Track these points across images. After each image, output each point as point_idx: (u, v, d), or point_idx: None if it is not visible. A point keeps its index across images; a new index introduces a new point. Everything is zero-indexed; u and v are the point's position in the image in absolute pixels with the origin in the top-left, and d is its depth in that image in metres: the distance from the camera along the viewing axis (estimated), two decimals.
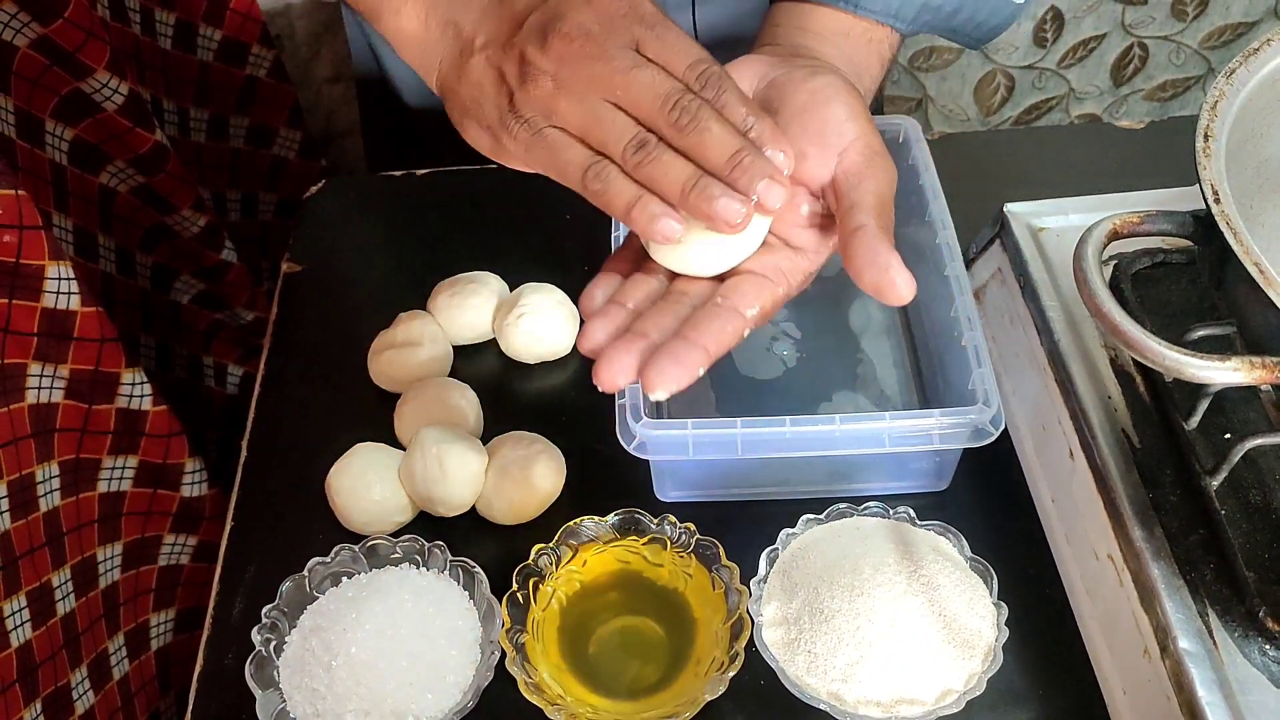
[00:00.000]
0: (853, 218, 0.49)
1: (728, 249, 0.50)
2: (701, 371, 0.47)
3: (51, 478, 0.68)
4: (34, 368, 0.66)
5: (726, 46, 0.56)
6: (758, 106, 0.48)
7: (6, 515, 0.63)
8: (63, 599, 0.69)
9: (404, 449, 0.68)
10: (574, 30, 0.47)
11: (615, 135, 0.47)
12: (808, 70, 0.53)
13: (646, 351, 0.47)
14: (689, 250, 0.50)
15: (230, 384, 1.02)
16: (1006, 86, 1.38)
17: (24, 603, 0.64)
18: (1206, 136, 0.51)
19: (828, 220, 0.52)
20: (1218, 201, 0.48)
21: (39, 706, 0.65)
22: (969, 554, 0.60)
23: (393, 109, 0.97)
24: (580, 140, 0.48)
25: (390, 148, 1.04)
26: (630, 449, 0.60)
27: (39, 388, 0.67)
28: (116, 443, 0.74)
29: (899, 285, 0.48)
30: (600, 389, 0.47)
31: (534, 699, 0.55)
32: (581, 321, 0.51)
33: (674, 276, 0.52)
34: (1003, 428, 0.59)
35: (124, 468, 0.76)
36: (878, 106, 1.10)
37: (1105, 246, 0.50)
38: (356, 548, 0.62)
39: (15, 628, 0.63)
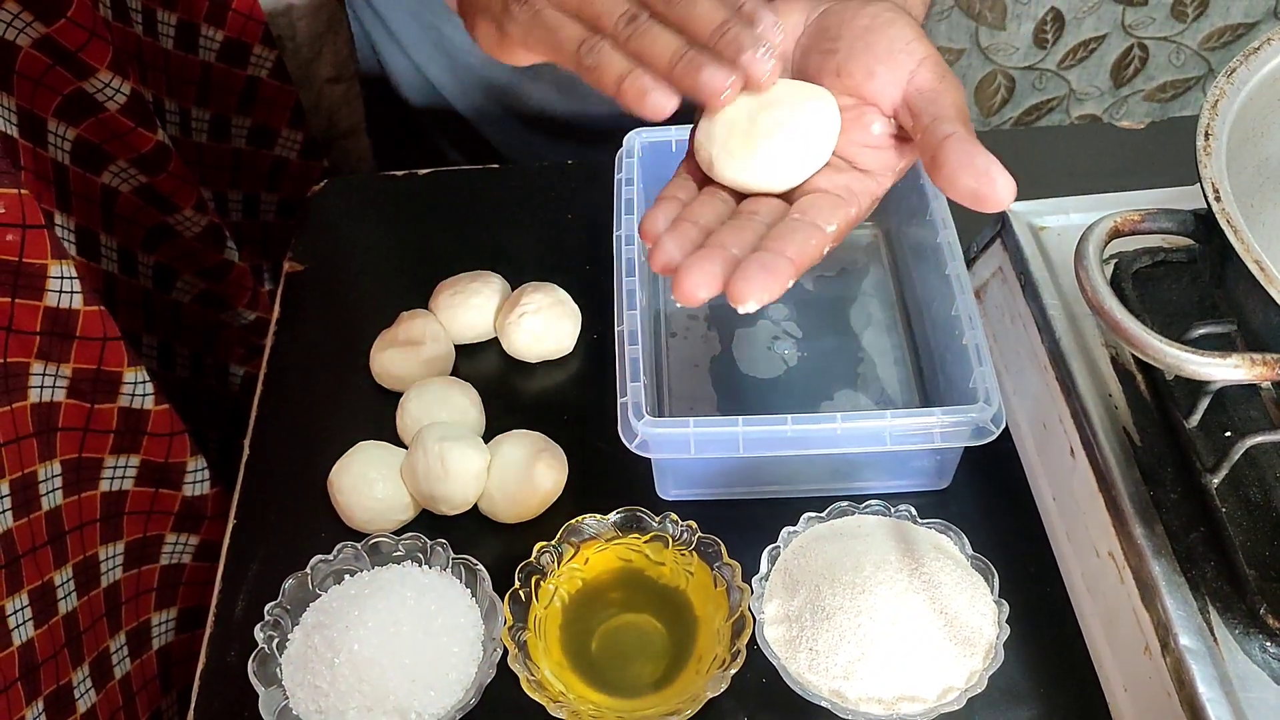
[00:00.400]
0: (939, 128, 0.47)
1: (796, 160, 0.48)
2: (791, 283, 0.45)
3: (53, 477, 0.68)
4: (36, 367, 0.66)
5: None
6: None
7: (9, 514, 0.63)
8: (64, 598, 0.69)
9: (406, 447, 0.68)
10: None
11: (607, 10, 0.47)
12: (861, 0, 0.51)
13: (730, 264, 0.44)
14: (754, 161, 0.48)
15: (232, 383, 1.02)
16: (1007, 87, 1.38)
17: (26, 601, 0.64)
18: (1207, 135, 0.51)
19: (897, 140, 0.51)
20: (1218, 199, 0.48)
21: (40, 705, 0.65)
22: (970, 552, 0.60)
23: (395, 108, 0.98)
24: (577, 19, 0.48)
25: (395, 146, 1.04)
26: (632, 447, 0.60)
27: (41, 387, 0.67)
28: (118, 442, 0.74)
29: (1000, 187, 0.46)
30: (680, 302, 0.46)
31: (536, 696, 0.55)
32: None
33: (740, 199, 0.50)
34: (1004, 426, 0.59)
35: (126, 467, 0.76)
36: None
37: (1106, 244, 0.50)
38: (359, 545, 0.62)
39: (17, 626, 0.63)
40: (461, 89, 0.92)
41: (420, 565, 0.62)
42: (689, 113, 0.51)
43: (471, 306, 0.74)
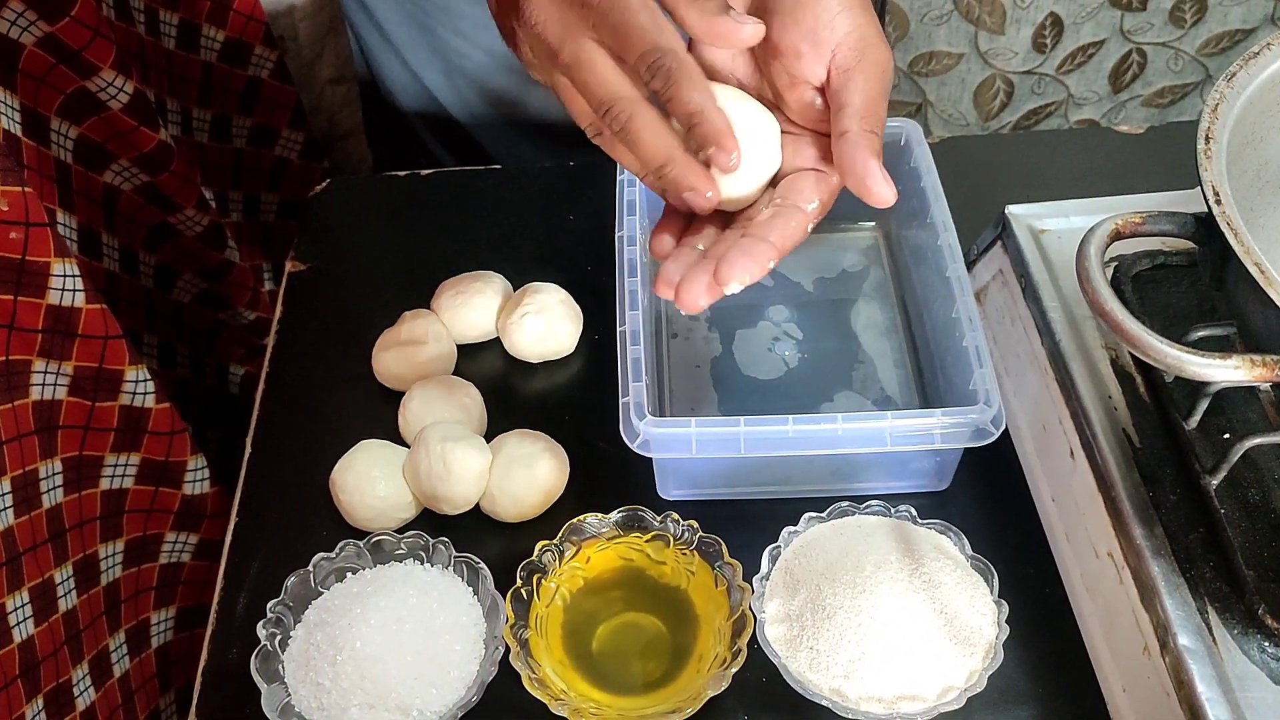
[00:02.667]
0: (838, 121, 0.50)
1: (748, 169, 0.51)
2: (772, 265, 0.49)
3: (54, 474, 0.68)
4: (38, 364, 0.66)
5: None
6: (712, 97, 0.48)
7: (10, 512, 0.63)
8: (64, 595, 0.69)
9: (408, 446, 0.68)
10: (533, 19, 0.50)
11: (576, 114, 0.51)
12: None
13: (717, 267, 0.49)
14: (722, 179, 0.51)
15: (232, 383, 1.02)
16: (1006, 92, 1.39)
17: (26, 599, 0.64)
18: (1208, 139, 0.51)
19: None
20: (1219, 202, 0.49)
21: (40, 703, 0.65)
22: (969, 552, 0.60)
23: (390, 113, 0.98)
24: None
25: (392, 151, 1.04)
26: (634, 447, 0.60)
27: (43, 384, 0.67)
28: (119, 440, 0.74)
29: (878, 192, 0.50)
30: (684, 312, 0.51)
31: (537, 694, 0.56)
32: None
33: (724, 224, 0.54)
34: (1003, 428, 0.60)
35: (126, 465, 0.76)
36: None
37: (1108, 246, 0.51)
38: (361, 543, 0.62)
39: (18, 624, 0.63)
40: (457, 94, 0.92)
41: (422, 563, 0.62)
42: None
43: (473, 306, 0.74)
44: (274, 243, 1.11)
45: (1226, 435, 0.56)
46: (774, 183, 0.53)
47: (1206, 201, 0.49)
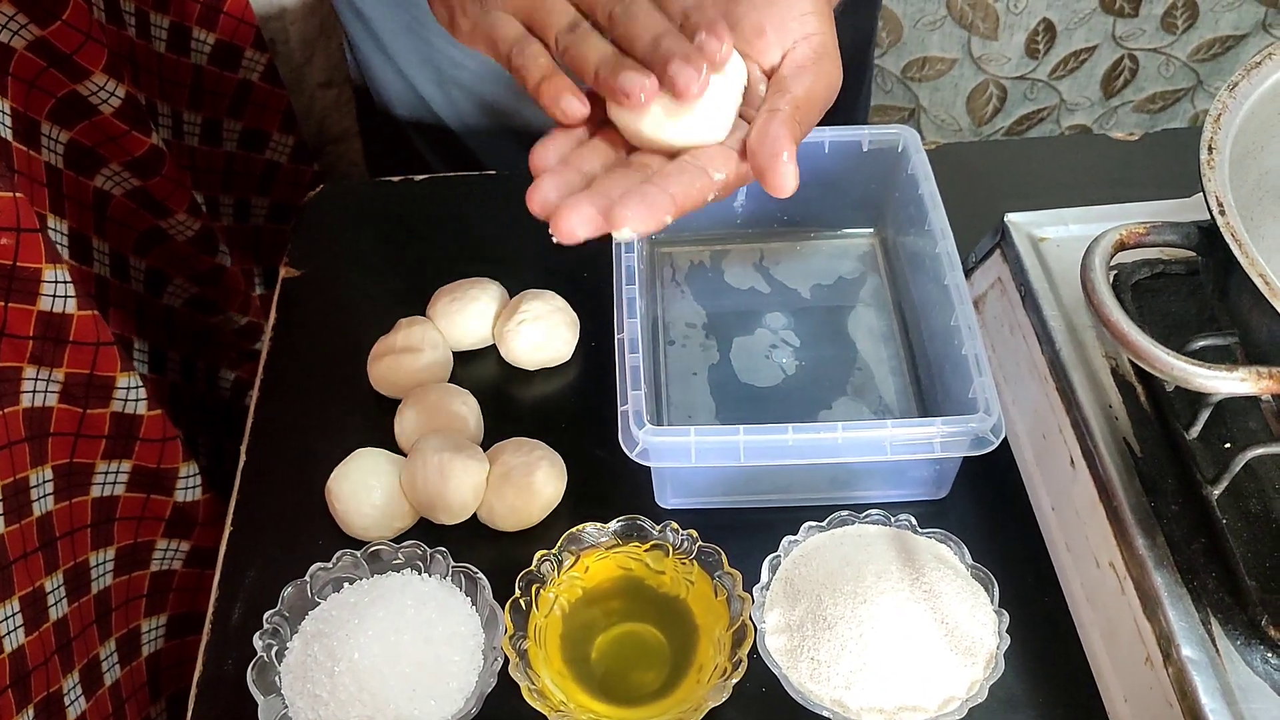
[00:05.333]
0: (773, 100, 0.48)
1: (693, 122, 0.48)
2: (668, 220, 0.45)
3: (45, 482, 0.68)
4: (29, 371, 0.66)
5: None
6: None
7: (0, 520, 0.63)
8: (55, 604, 0.68)
9: (404, 455, 0.68)
10: None
11: (552, 21, 0.48)
12: None
13: (609, 205, 0.45)
14: (658, 118, 0.48)
15: (223, 388, 1.02)
16: (999, 97, 1.39)
17: (17, 608, 0.64)
18: (1210, 149, 0.51)
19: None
20: (1223, 213, 0.49)
21: (31, 713, 0.64)
22: (970, 562, 0.60)
23: (381, 119, 0.97)
24: (524, 24, 0.49)
25: (384, 156, 1.03)
26: (633, 456, 0.60)
27: (34, 391, 0.66)
28: (111, 447, 0.74)
29: (783, 174, 0.46)
30: (557, 239, 0.45)
31: (537, 705, 0.55)
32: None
33: (630, 149, 0.50)
34: (1003, 436, 0.60)
35: (118, 472, 0.75)
36: (865, 116, 1.10)
37: (1112, 256, 0.51)
38: (358, 553, 0.61)
39: (8, 633, 0.63)
40: (449, 103, 0.91)
41: (420, 573, 0.62)
42: None
43: (470, 314, 0.74)
44: (265, 246, 1.10)
45: (1228, 445, 0.56)
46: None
47: (1210, 212, 0.49)
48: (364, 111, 1.01)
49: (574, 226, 0.44)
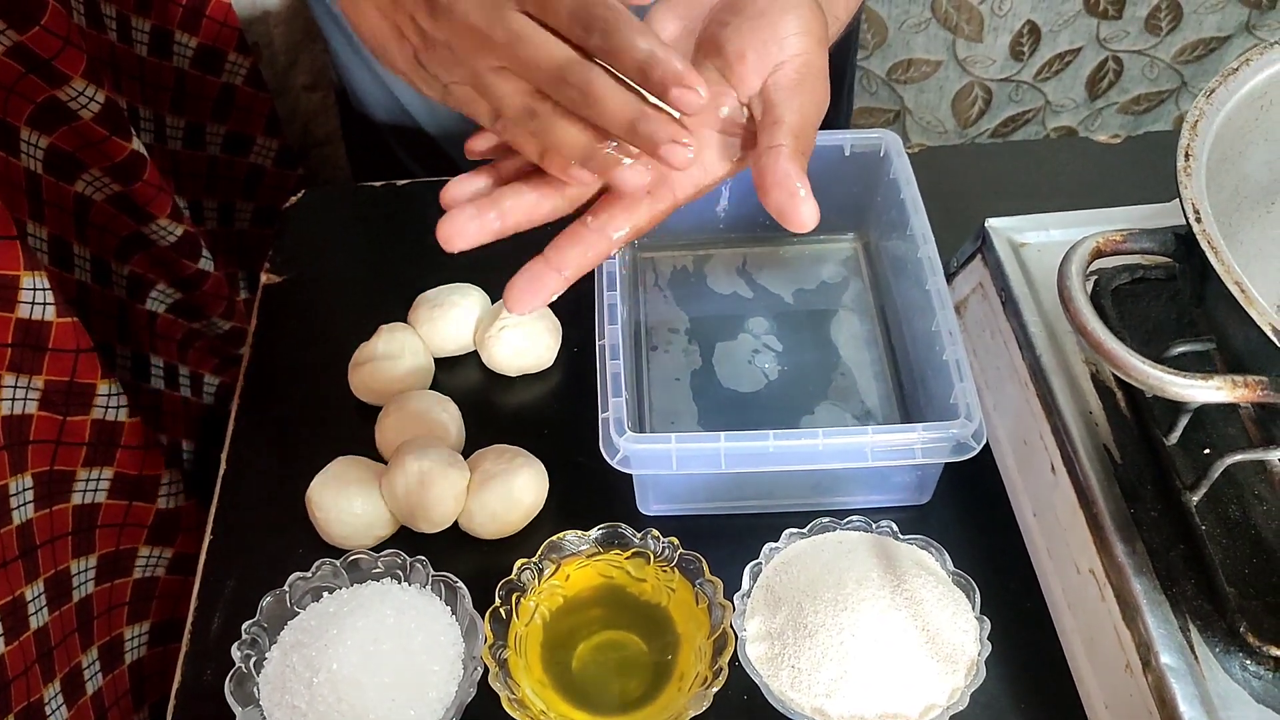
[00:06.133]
0: (772, 134, 0.48)
1: None
2: (555, 296, 0.48)
3: (25, 490, 0.67)
4: (8, 379, 0.65)
5: None
6: (656, 38, 0.43)
7: None
8: (36, 613, 0.68)
9: (385, 462, 0.67)
10: (454, 7, 0.45)
11: (506, 106, 0.46)
12: None
13: (496, 221, 0.48)
14: None
15: (207, 394, 1.01)
16: (984, 99, 1.39)
17: None
18: (1187, 155, 0.51)
19: (745, 131, 0.51)
20: (1199, 220, 0.49)
21: None
22: (951, 568, 0.60)
23: (360, 122, 0.97)
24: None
25: (367, 161, 1.03)
26: (614, 463, 0.60)
27: (13, 399, 0.66)
28: (91, 454, 0.73)
29: (803, 213, 0.47)
30: (444, 248, 0.49)
31: (517, 715, 0.55)
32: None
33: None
34: (984, 442, 0.60)
35: (99, 479, 0.75)
36: (848, 119, 1.10)
37: (1089, 264, 0.51)
38: (338, 562, 0.61)
39: None
40: (429, 108, 0.91)
41: (400, 582, 0.61)
42: None
43: (451, 319, 0.74)
44: (249, 251, 1.10)
45: (1207, 451, 0.56)
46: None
47: (1187, 219, 0.49)
48: (346, 116, 1.01)
49: (452, 237, 0.49)
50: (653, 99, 0.44)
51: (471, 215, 0.48)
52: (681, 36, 0.52)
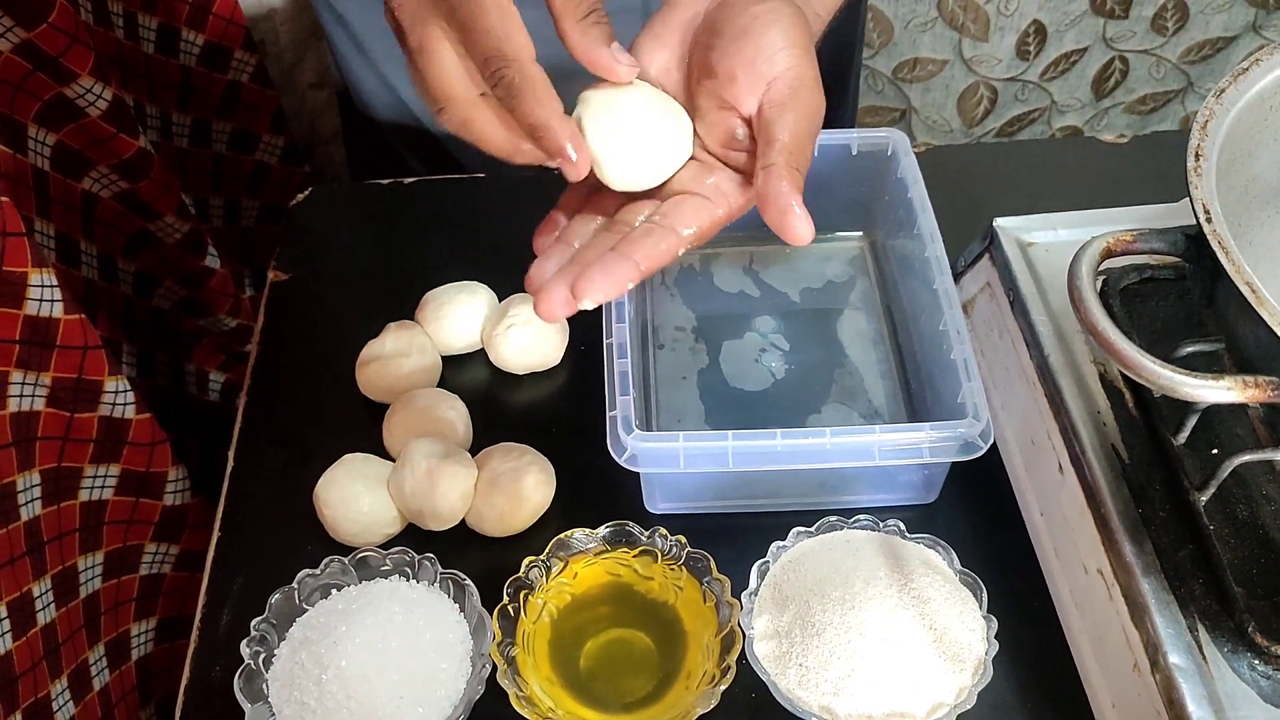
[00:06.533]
0: (765, 154, 0.50)
1: (655, 158, 0.51)
2: (631, 285, 0.49)
3: (32, 486, 0.68)
4: (15, 375, 0.65)
5: None
6: (556, 108, 0.47)
7: None
8: (43, 609, 0.68)
9: (393, 460, 0.67)
10: (394, 4, 0.49)
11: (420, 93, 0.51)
12: None
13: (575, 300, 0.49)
14: (614, 165, 0.51)
15: (212, 391, 1.01)
16: (989, 98, 1.39)
17: (4, 613, 0.63)
18: (1197, 156, 0.51)
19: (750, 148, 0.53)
20: (1209, 220, 0.49)
21: (19, 718, 0.64)
22: (958, 567, 0.60)
23: (362, 121, 0.97)
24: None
25: (369, 159, 1.03)
26: (621, 461, 0.60)
27: (20, 395, 0.66)
28: (99, 451, 0.73)
29: (797, 229, 0.49)
30: (544, 320, 0.51)
31: (525, 712, 0.55)
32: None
33: (617, 208, 0.53)
34: (992, 442, 0.60)
35: (106, 476, 0.75)
36: (853, 118, 1.10)
37: (1099, 264, 0.51)
38: (346, 560, 0.61)
39: None
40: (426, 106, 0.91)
41: (408, 580, 0.61)
42: None
43: (459, 318, 0.74)
44: (255, 248, 1.10)
45: (1215, 451, 0.56)
46: (664, 197, 0.53)
47: (1197, 219, 0.49)
48: (347, 114, 1.01)
49: (552, 309, 0.48)
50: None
51: (562, 298, 0.49)
52: (671, 66, 0.54)
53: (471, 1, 0.46)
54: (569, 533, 0.62)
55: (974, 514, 0.67)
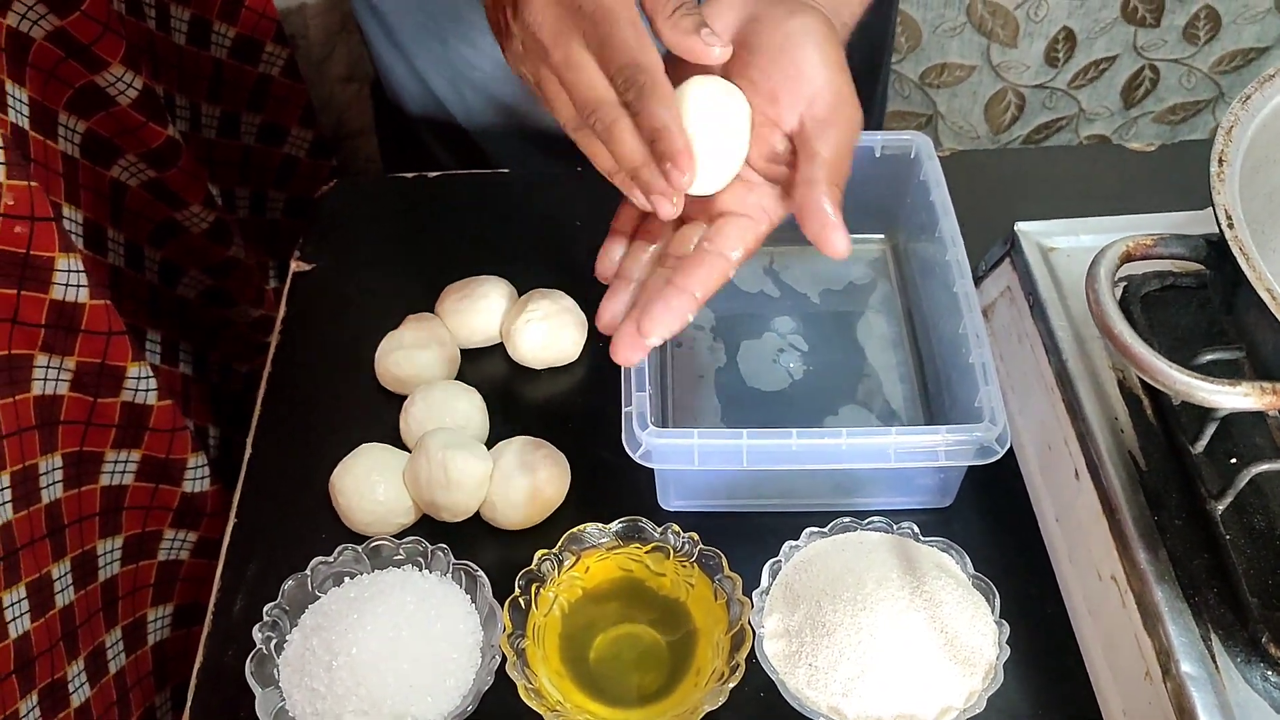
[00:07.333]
0: (806, 169, 0.53)
1: (710, 170, 0.53)
2: (690, 317, 0.54)
3: (54, 469, 0.68)
4: (40, 359, 0.66)
5: None
6: (676, 117, 0.50)
7: (9, 506, 0.63)
8: (62, 591, 0.69)
9: (409, 450, 0.68)
10: (530, 19, 0.52)
11: (557, 111, 0.54)
12: (787, 10, 0.54)
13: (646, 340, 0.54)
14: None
15: (234, 380, 1.02)
16: (1017, 105, 1.38)
17: (23, 594, 0.64)
18: (1221, 161, 0.51)
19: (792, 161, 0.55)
20: (1231, 227, 0.48)
21: (35, 698, 0.65)
22: (971, 571, 0.60)
23: (396, 115, 0.97)
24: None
25: (399, 153, 1.04)
26: (636, 457, 0.60)
27: (45, 379, 0.67)
28: (120, 436, 0.74)
29: (835, 242, 0.53)
30: (623, 365, 0.55)
31: (533, 704, 0.55)
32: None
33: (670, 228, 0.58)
34: (1008, 446, 0.59)
35: (127, 461, 0.76)
36: (879, 122, 1.10)
37: (1118, 268, 0.50)
38: (360, 548, 0.62)
39: (14, 619, 0.63)
40: (463, 102, 0.92)
41: (420, 569, 0.62)
42: None
43: (478, 311, 0.74)
44: (280, 240, 1.11)
45: (1234, 460, 0.56)
46: (710, 215, 0.56)
47: (1219, 225, 0.49)
48: (380, 107, 1.02)
49: (628, 356, 0.54)
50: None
51: (635, 342, 0.54)
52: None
53: (609, 19, 0.50)
54: (582, 527, 0.62)
55: (988, 518, 0.66)
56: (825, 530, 0.62)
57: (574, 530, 0.62)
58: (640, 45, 0.50)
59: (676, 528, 0.61)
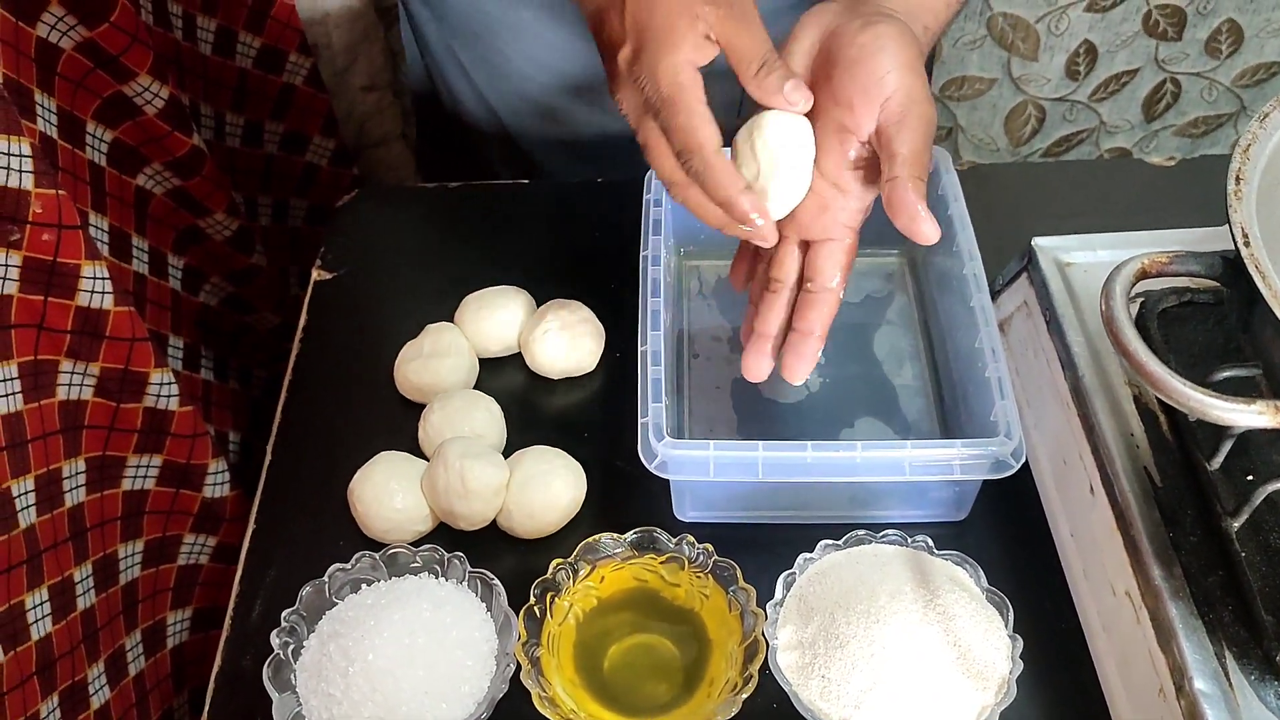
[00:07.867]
0: (890, 168, 0.57)
1: (781, 193, 0.59)
2: (819, 355, 0.62)
3: (78, 474, 0.69)
4: (65, 365, 0.67)
5: None
6: (737, 183, 0.57)
7: (33, 509, 0.64)
8: (83, 594, 0.70)
9: (427, 459, 0.68)
10: (619, 102, 0.60)
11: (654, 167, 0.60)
12: (862, 22, 0.58)
13: (774, 350, 0.63)
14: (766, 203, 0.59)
15: (254, 387, 1.03)
16: (1037, 118, 1.38)
17: (46, 596, 0.65)
18: (1238, 179, 0.51)
19: (871, 164, 0.59)
20: (1247, 245, 0.48)
21: (55, 700, 0.66)
22: (985, 585, 0.60)
23: (445, 123, 0.98)
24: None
25: (440, 158, 1.05)
26: (651, 468, 0.60)
27: (69, 384, 0.68)
28: (142, 441, 0.75)
29: (925, 232, 0.57)
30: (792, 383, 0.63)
31: (547, 713, 0.56)
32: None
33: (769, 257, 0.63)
34: (1023, 461, 0.59)
35: (148, 466, 0.77)
36: None
37: (1133, 285, 0.50)
38: (377, 555, 0.62)
39: (36, 621, 0.64)
40: (515, 114, 0.93)
41: (437, 577, 0.62)
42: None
43: (496, 321, 0.75)
44: (301, 247, 1.12)
45: (1250, 477, 0.56)
46: (805, 249, 0.62)
47: (1235, 243, 0.49)
48: (423, 115, 1.02)
49: (758, 373, 0.64)
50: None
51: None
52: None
53: (669, 106, 0.56)
54: (597, 537, 0.62)
55: (1003, 532, 0.66)
56: (840, 543, 0.62)
57: (589, 540, 0.62)
58: (692, 128, 0.56)
59: (691, 539, 0.62)
